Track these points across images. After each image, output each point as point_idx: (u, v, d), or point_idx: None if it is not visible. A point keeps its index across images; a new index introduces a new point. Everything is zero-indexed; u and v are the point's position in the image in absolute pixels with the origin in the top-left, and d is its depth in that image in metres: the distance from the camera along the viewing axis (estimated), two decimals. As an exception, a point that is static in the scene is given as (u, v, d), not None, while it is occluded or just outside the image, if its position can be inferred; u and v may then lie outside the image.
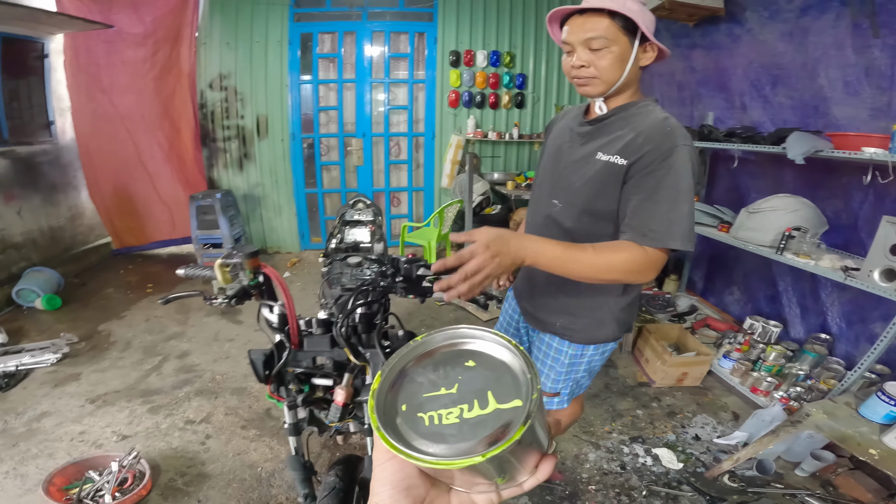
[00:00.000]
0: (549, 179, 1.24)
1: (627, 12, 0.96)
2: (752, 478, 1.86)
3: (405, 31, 4.12)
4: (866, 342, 2.47)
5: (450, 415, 0.29)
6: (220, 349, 2.84)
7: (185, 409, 2.27)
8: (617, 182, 1.06)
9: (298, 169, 4.41)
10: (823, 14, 2.58)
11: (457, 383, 0.30)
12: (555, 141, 1.26)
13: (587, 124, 1.15)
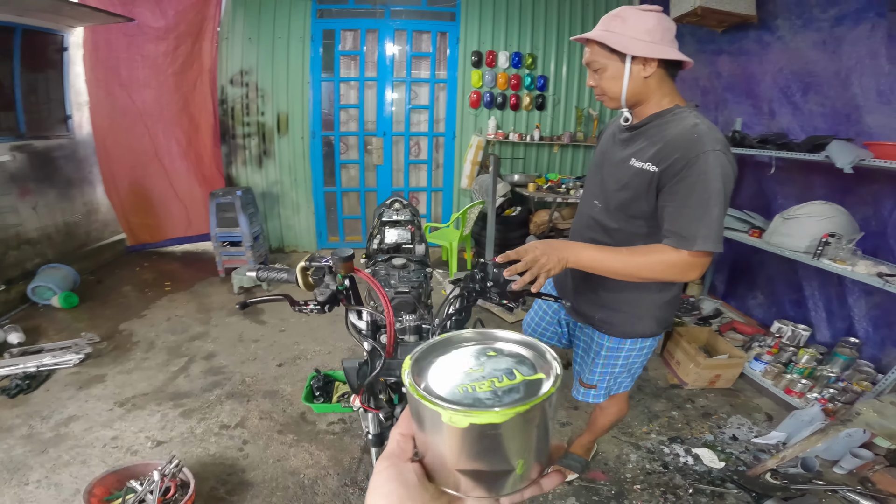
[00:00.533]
0: (594, 181, 1.35)
1: (603, 39, 1.11)
2: (794, 475, 1.90)
3: (427, 30, 4.13)
4: (893, 346, 2.52)
5: (482, 386, 0.31)
6: (247, 350, 2.84)
7: (218, 413, 2.26)
8: (650, 187, 1.14)
9: (318, 167, 4.40)
10: (859, 24, 2.63)
11: (483, 365, 0.33)
12: (602, 146, 1.37)
13: (626, 130, 1.25)
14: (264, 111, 4.23)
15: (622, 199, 1.22)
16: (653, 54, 1.11)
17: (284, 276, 1.20)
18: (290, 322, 3.21)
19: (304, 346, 2.91)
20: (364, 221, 4.68)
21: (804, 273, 3.03)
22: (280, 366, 2.69)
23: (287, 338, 3.02)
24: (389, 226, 2.17)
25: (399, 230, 2.18)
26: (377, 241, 2.14)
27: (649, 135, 1.17)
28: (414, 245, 2.15)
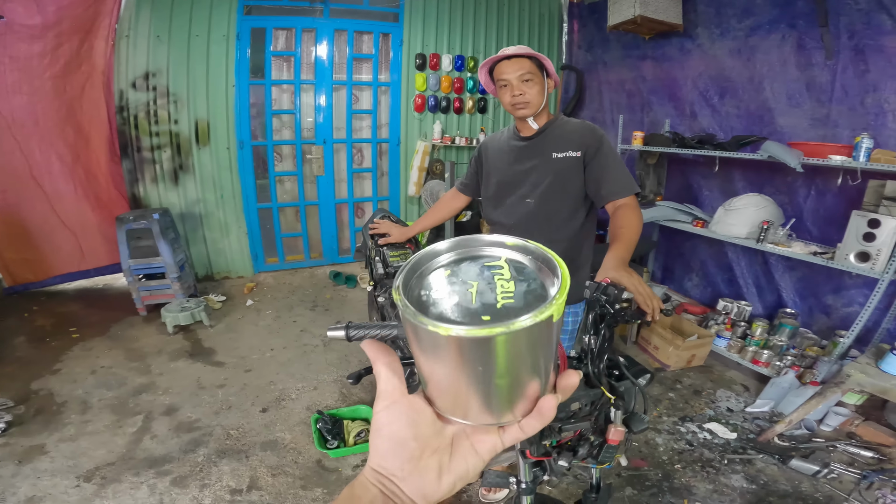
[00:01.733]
0: (509, 185, 1.63)
1: (540, 57, 1.46)
2: (798, 436, 2.11)
3: (370, 30, 3.94)
4: (820, 312, 2.98)
5: (484, 298, 0.29)
6: (214, 399, 2.47)
7: (219, 477, 1.94)
8: (578, 166, 1.52)
9: (248, 181, 3.94)
10: (771, 34, 3.04)
11: (481, 276, 0.31)
12: (496, 162, 1.67)
13: (525, 140, 1.59)
14: (178, 119, 3.67)
15: (556, 185, 1.55)
16: (555, 77, 1.52)
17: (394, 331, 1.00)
18: (253, 360, 2.83)
19: (283, 385, 2.59)
20: (306, 238, 4.30)
21: (733, 255, 3.43)
22: (264, 411, 2.36)
23: (257, 378, 2.64)
24: (389, 248, 2.02)
25: (399, 251, 2.03)
26: (381, 265, 1.98)
27: (555, 135, 1.55)
28: None
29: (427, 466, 0.33)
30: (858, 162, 2.36)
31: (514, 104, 1.51)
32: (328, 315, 3.49)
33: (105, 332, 3.16)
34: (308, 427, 2.23)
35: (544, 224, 1.60)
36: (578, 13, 4.55)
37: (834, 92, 2.80)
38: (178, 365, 2.76)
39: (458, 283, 0.30)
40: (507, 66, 1.47)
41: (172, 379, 2.62)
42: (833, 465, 1.90)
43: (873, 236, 2.26)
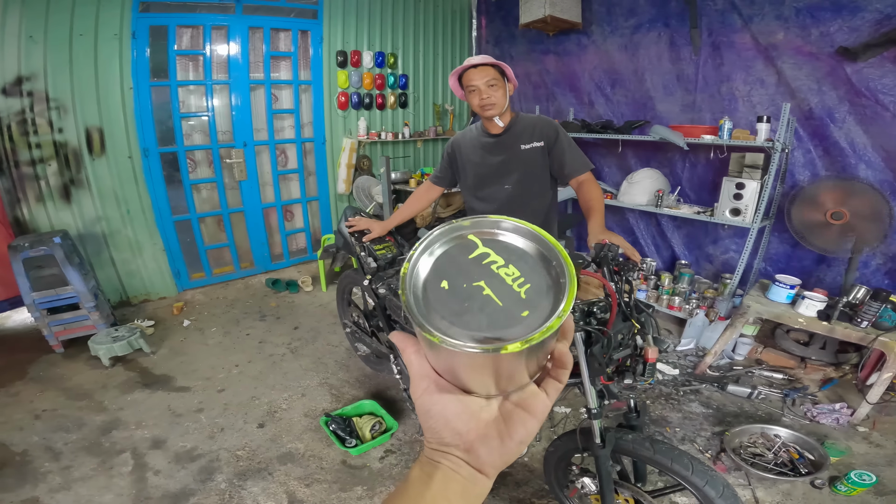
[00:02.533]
0: (487, 176, 1.93)
1: (501, 65, 1.76)
2: (722, 366, 2.67)
3: (287, 28, 3.82)
4: (705, 261, 3.72)
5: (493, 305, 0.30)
6: (198, 423, 2.36)
7: (254, 499, 1.90)
8: (543, 154, 1.85)
9: (159, 191, 3.60)
10: (650, 32, 3.66)
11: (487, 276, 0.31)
12: (470, 155, 1.96)
13: (494, 136, 1.87)
14: (63, 127, 3.22)
15: (527, 171, 1.86)
16: (514, 81, 1.82)
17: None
18: (221, 379, 2.73)
19: (267, 398, 2.55)
20: (234, 247, 4.05)
21: (633, 220, 4.10)
22: (261, 426, 2.32)
23: (235, 396, 2.55)
24: (372, 242, 2.13)
25: (383, 244, 2.15)
26: (371, 259, 2.09)
27: (519, 130, 1.85)
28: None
29: (487, 435, 0.34)
30: (723, 139, 3.01)
31: (483, 106, 1.77)
32: (282, 323, 3.39)
33: (23, 375, 2.76)
34: (316, 433, 2.25)
35: (522, 204, 1.93)
36: (486, 10, 4.90)
37: (697, 82, 3.50)
38: (136, 397, 2.53)
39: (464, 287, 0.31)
40: (475, 73, 1.73)
41: (138, 411, 2.41)
42: (759, 388, 2.47)
43: (741, 196, 2.94)
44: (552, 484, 1.72)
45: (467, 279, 0.31)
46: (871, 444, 2.12)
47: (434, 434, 0.35)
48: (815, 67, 2.94)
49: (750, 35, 3.17)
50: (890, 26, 2.61)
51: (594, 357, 1.27)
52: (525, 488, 1.95)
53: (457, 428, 0.34)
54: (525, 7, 3.91)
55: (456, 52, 4.93)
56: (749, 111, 3.26)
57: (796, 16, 2.95)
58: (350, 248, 2.29)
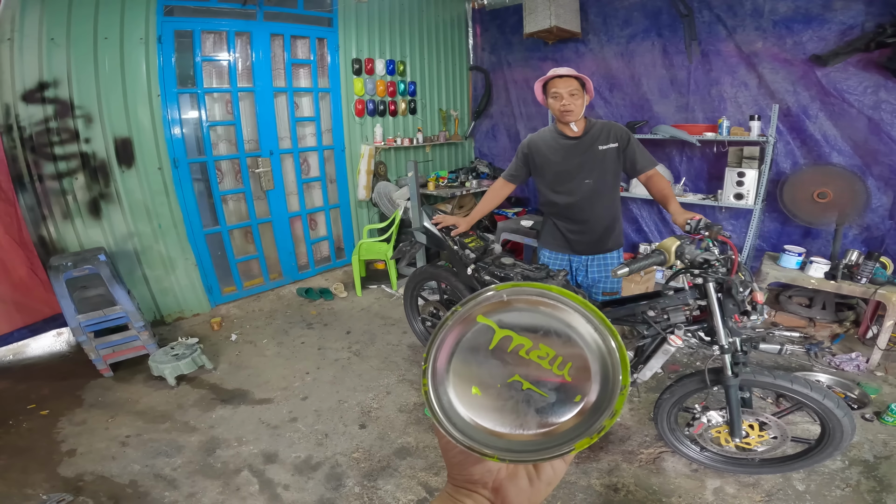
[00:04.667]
0: (567, 173, 2.20)
1: (584, 79, 2.05)
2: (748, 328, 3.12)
3: (306, 35, 3.88)
4: (705, 240, 4.23)
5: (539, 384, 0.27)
6: (300, 433, 2.42)
7: (394, 497, 1.99)
8: (618, 155, 2.16)
9: (191, 204, 3.53)
10: (644, 41, 4.16)
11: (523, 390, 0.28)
12: (548, 155, 2.22)
13: (573, 139, 2.15)
14: (90, 137, 3.09)
15: (605, 167, 2.16)
16: (591, 92, 2.10)
17: (661, 257, 1.45)
18: (298, 387, 2.81)
19: (354, 400, 2.66)
20: (263, 259, 4.01)
21: (637, 210, 4.58)
22: (363, 427, 2.43)
23: (321, 402, 2.67)
24: (461, 237, 2.37)
25: (470, 237, 2.40)
26: (468, 252, 2.34)
27: (595, 133, 2.14)
28: (492, 244, 2.46)
29: (517, 475, 0.34)
30: (724, 136, 3.55)
31: (562, 112, 2.05)
32: (332, 329, 3.44)
33: (79, 402, 2.64)
34: (419, 426, 2.38)
35: (600, 196, 2.22)
36: (480, 18, 5.22)
37: (690, 86, 4.04)
38: (221, 413, 2.52)
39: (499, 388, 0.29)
40: (561, 82, 2.02)
41: (231, 427, 2.41)
42: (784, 345, 2.91)
43: (742, 183, 3.48)
44: (665, 430, 2.00)
45: (499, 378, 0.28)
46: (891, 385, 2.61)
47: (461, 470, 0.34)
48: (790, 72, 3.56)
49: (734, 44, 3.75)
50: (852, 35, 3.25)
51: (730, 298, 1.60)
52: (629, 443, 2.23)
53: (489, 465, 0.33)
54: (530, 18, 4.27)
55: (456, 59, 5.20)
56: (736, 111, 3.84)
57: (773, 27, 3.55)
58: (441, 244, 2.49)
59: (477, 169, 4.95)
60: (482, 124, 5.62)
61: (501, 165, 5.38)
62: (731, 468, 1.96)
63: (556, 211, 2.31)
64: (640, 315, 1.80)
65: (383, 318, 3.58)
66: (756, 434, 1.82)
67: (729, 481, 1.95)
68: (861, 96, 3.31)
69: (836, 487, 1.89)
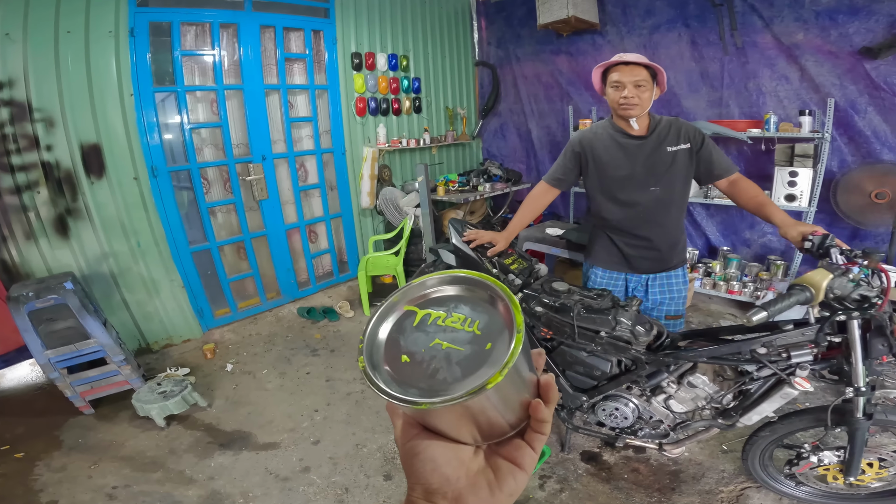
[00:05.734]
0: (630, 178, 1.85)
1: (656, 68, 1.70)
2: None
3: (300, 27, 3.48)
4: (742, 245, 3.94)
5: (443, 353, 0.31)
6: (315, 487, 2.06)
7: None
8: (690, 156, 1.81)
9: (173, 219, 3.12)
10: (670, 32, 3.84)
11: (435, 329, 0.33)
12: (609, 155, 1.87)
13: (637, 138, 1.81)
14: (52, 144, 2.67)
15: (675, 172, 1.81)
16: (664, 85, 1.75)
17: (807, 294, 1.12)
18: (306, 429, 2.44)
19: (374, 444, 2.30)
20: (258, 277, 3.60)
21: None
22: (388, 478, 2.08)
23: (335, 447, 2.33)
24: (499, 257, 2.04)
25: (508, 258, 2.05)
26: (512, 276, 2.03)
27: (664, 132, 1.79)
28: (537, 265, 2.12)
29: (477, 484, 0.34)
30: (771, 132, 3.24)
31: (622, 105, 1.71)
32: (340, 356, 3.06)
33: (57, 443, 2.29)
34: None
35: (668, 206, 1.87)
36: (485, 11, 4.86)
37: (724, 79, 3.73)
38: (221, 461, 2.14)
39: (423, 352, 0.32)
40: (625, 70, 1.68)
41: (234, 479, 2.03)
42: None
43: (795, 183, 3.17)
44: (755, 467, 1.74)
45: (423, 344, 0.32)
46: None
47: (420, 480, 0.33)
48: (836, 65, 3.25)
49: (772, 35, 3.44)
50: (902, 27, 2.97)
51: (882, 337, 1.28)
52: (704, 481, 1.94)
53: (446, 473, 0.33)
54: (544, 8, 3.93)
55: (461, 54, 4.83)
56: (777, 105, 3.52)
57: (815, 18, 3.25)
58: (475, 266, 2.10)
59: (488, 171, 4.58)
60: (490, 123, 5.26)
61: (513, 167, 5.03)
62: (831, 502, 1.75)
63: (612, 223, 1.95)
64: (746, 353, 1.47)
65: (396, 342, 3.21)
66: (874, 472, 1.57)
67: (830, 516, 1.73)
68: (915, 89, 3.03)
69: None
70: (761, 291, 3.30)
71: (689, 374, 1.62)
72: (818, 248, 1.40)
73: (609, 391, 1.75)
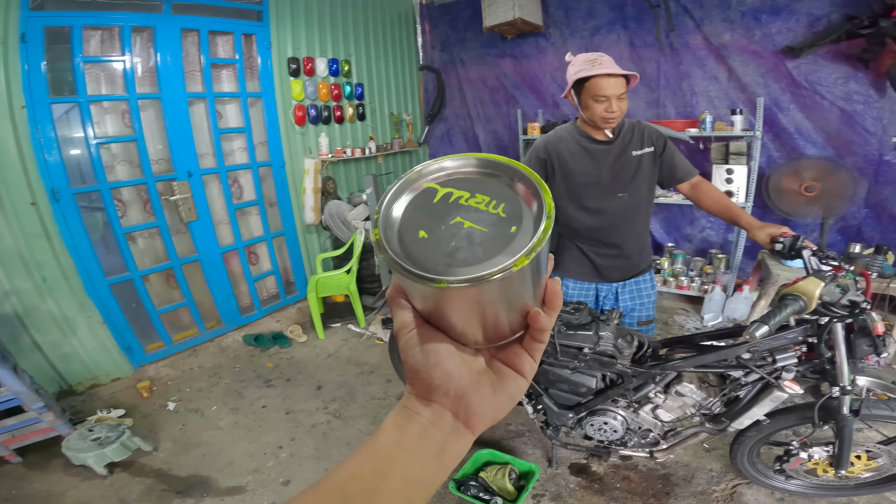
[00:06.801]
0: (598, 185, 1.79)
1: (633, 76, 1.65)
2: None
3: (229, 31, 3.17)
4: (684, 241, 4.08)
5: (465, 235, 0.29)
6: None
7: None
8: (654, 160, 1.78)
9: (83, 248, 2.73)
10: (609, 34, 3.92)
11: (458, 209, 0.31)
12: (576, 161, 1.79)
13: (603, 143, 1.76)
14: (-80, 170, 2.23)
15: (641, 177, 1.77)
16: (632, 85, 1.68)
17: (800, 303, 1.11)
18: (271, 468, 2.18)
19: None
20: (193, 306, 3.24)
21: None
22: None
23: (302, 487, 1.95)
24: None
25: None
26: None
27: (628, 137, 1.75)
28: None
29: (480, 383, 0.33)
30: (707, 132, 3.36)
31: (606, 118, 1.64)
32: (297, 385, 2.80)
33: None
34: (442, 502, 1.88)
35: (635, 211, 1.83)
36: (429, 14, 4.74)
37: (660, 80, 3.85)
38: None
39: (443, 229, 0.30)
40: (609, 83, 1.59)
41: None
42: None
43: (732, 180, 3.31)
44: (744, 465, 1.76)
45: (443, 221, 0.30)
46: None
47: (421, 376, 0.32)
48: (760, 64, 3.43)
49: (702, 36, 3.59)
50: (820, 27, 3.18)
51: (866, 337, 1.29)
52: (695, 482, 1.94)
53: (448, 368, 0.32)
54: (490, 10, 3.88)
55: (405, 58, 4.68)
56: (708, 105, 3.68)
57: (741, 18, 3.41)
58: None
59: (438, 178, 4.46)
60: (436, 129, 5.15)
61: (461, 172, 4.95)
62: (823, 493, 1.80)
63: (582, 232, 1.89)
64: (733, 360, 1.45)
65: (358, 365, 2.99)
66: (862, 463, 1.62)
67: (823, 505, 1.77)
68: (832, 87, 3.24)
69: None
70: (708, 285, 3.41)
71: (675, 384, 1.59)
72: (790, 249, 1.39)
73: (595, 406, 1.70)
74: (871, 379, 2.41)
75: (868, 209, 3.35)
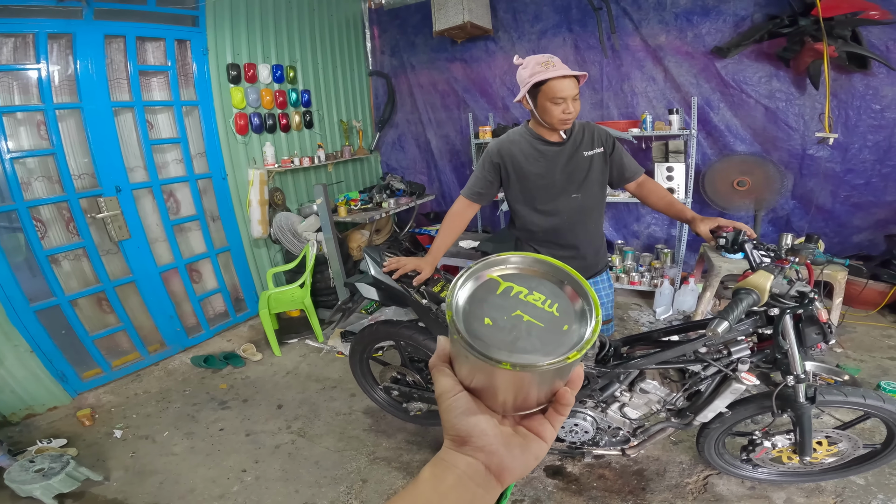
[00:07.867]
0: (552, 186, 1.80)
1: (582, 77, 1.66)
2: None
3: (160, 36, 2.97)
4: (632, 237, 4.23)
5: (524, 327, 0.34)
6: None
7: None
8: (605, 160, 1.81)
9: (3, 273, 2.47)
10: (556, 37, 4.02)
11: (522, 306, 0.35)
12: (529, 164, 1.79)
13: (556, 145, 1.76)
14: None
15: (593, 178, 1.79)
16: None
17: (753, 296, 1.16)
18: (237, 493, 1.96)
19: (323, 498, 2.01)
20: (132, 329, 3.01)
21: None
22: None
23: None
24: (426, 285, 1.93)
25: (438, 283, 1.95)
26: (433, 302, 1.88)
27: (579, 138, 1.76)
28: None
29: (511, 442, 0.37)
30: (648, 131, 3.50)
31: (563, 120, 1.64)
32: (255, 406, 2.65)
33: None
34: None
35: (588, 211, 1.84)
36: (378, 19, 4.68)
37: (603, 82, 3.97)
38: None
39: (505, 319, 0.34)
40: (565, 84, 1.59)
41: None
42: None
43: (672, 177, 3.46)
44: (712, 456, 1.80)
45: (505, 312, 0.35)
46: (855, 360, 2.66)
47: (459, 432, 0.36)
48: (692, 65, 3.61)
49: (640, 38, 3.73)
50: (744, 27, 3.37)
51: (815, 325, 1.35)
52: (668, 476, 1.98)
53: (485, 429, 0.36)
54: (440, 14, 3.86)
55: (353, 63, 4.59)
56: (647, 105, 3.83)
57: (675, 20, 3.57)
58: (402, 300, 1.88)
59: (391, 185, 4.38)
60: (388, 135, 5.08)
61: (414, 179, 4.91)
62: (791, 479, 1.87)
63: (538, 235, 1.88)
64: (691, 354, 1.48)
65: (319, 381, 2.87)
66: (825, 449, 1.68)
67: (793, 491, 1.87)
68: (757, 86, 3.45)
69: (891, 474, 1.89)
70: (657, 279, 3.55)
71: (639, 381, 1.62)
72: (733, 244, 1.45)
73: None
74: (816, 363, 2.56)
75: (795, 200, 3.60)
